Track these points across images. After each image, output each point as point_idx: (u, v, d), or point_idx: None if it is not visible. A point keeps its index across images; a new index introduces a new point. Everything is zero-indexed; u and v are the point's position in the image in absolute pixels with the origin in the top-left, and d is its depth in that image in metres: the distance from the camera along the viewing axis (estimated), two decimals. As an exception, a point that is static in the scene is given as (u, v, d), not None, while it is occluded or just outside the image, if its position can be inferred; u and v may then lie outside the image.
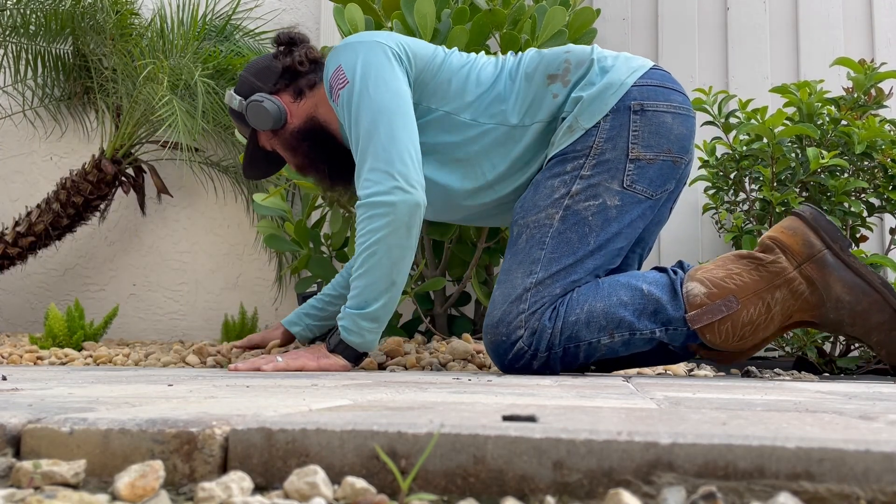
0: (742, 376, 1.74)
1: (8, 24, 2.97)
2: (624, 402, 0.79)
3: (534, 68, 1.62)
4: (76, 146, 3.25)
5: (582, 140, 1.57)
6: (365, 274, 1.53)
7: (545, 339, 1.50)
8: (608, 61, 1.61)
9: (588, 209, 1.55)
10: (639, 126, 1.56)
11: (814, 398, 0.92)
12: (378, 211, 1.50)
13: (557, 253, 1.54)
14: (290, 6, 3.14)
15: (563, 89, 1.60)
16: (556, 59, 1.63)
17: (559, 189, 1.56)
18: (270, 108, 1.68)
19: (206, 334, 3.06)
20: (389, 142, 1.52)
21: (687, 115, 1.61)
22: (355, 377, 1.34)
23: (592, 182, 1.55)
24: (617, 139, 1.56)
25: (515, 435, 0.49)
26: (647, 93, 1.58)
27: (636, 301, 1.51)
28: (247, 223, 3.11)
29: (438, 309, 2.30)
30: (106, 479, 0.52)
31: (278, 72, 1.72)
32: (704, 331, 1.48)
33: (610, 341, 1.51)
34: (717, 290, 1.48)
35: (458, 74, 1.64)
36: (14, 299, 3.24)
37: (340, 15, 1.97)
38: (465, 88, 1.63)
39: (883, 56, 2.68)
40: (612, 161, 1.56)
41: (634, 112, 1.56)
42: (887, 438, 0.48)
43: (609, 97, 1.57)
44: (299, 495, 0.47)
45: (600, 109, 1.57)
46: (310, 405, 0.69)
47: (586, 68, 1.61)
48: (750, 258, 1.51)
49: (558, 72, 1.61)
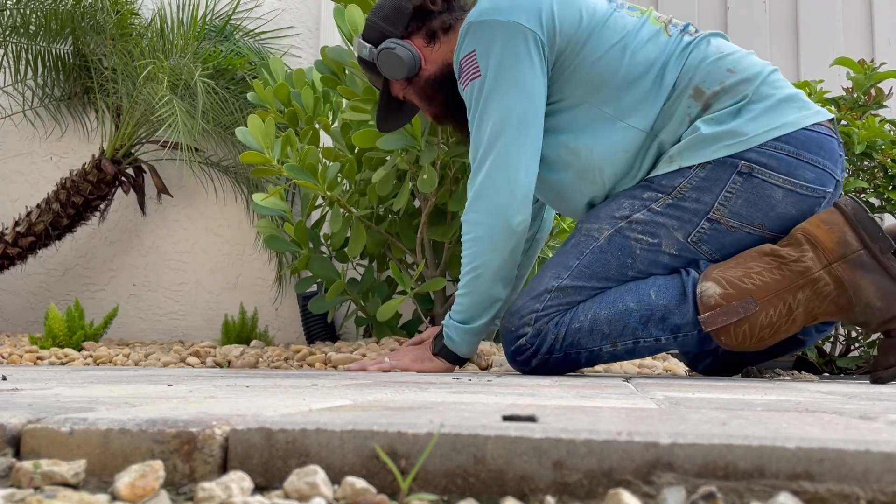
0: (742, 376, 1.74)
1: (8, 24, 2.97)
2: (624, 402, 0.79)
3: (688, 67, 1.47)
4: (76, 146, 3.25)
5: (672, 176, 1.46)
6: (469, 294, 1.54)
7: (547, 343, 1.48)
8: (757, 104, 1.44)
9: (640, 242, 1.47)
10: (737, 189, 1.43)
11: (814, 398, 0.92)
12: (481, 234, 1.50)
13: (590, 270, 1.49)
14: (290, 6, 3.14)
15: (699, 112, 1.46)
16: (716, 72, 1.46)
17: (623, 210, 1.48)
18: (403, 55, 1.57)
19: (205, 334, 3.06)
20: (505, 163, 1.46)
21: (808, 195, 1.44)
22: (355, 377, 1.34)
23: (658, 220, 1.46)
24: (705, 192, 1.44)
25: (515, 435, 0.49)
26: (770, 159, 1.41)
27: (643, 308, 1.44)
28: (247, 223, 3.11)
29: (438, 309, 2.30)
30: (106, 479, 0.52)
31: (409, 13, 1.60)
32: (719, 333, 1.41)
33: (612, 349, 1.48)
34: (733, 290, 1.39)
35: (605, 57, 1.47)
36: (14, 299, 3.24)
37: (340, 15, 1.97)
38: (609, 76, 1.47)
39: (883, 56, 2.68)
40: (689, 211, 1.45)
41: (740, 173, 1.42)
42: (887, 438, 0.48)
43: (721, 146, 1.43)
44: (299, 495, 0.47)
45: (704, 154, 1.43)
46: (310, 405, 0.69)
47: (734, 101, 1.45)
48: (772, 255, 1.41)
49: (707, 90, 1.46)
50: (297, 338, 2.97)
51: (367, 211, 2.22)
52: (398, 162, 2.07)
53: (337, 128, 2.37)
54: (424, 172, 1.95)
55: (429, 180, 1.94)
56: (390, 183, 2.09)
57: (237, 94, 2.93)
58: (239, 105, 2.90)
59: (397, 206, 2.08)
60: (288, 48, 3.09)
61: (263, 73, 2.50)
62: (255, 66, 2.93)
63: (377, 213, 2.34)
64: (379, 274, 2.53)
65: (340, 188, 2.15)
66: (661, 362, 2.02)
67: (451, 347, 1.59)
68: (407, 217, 2.32)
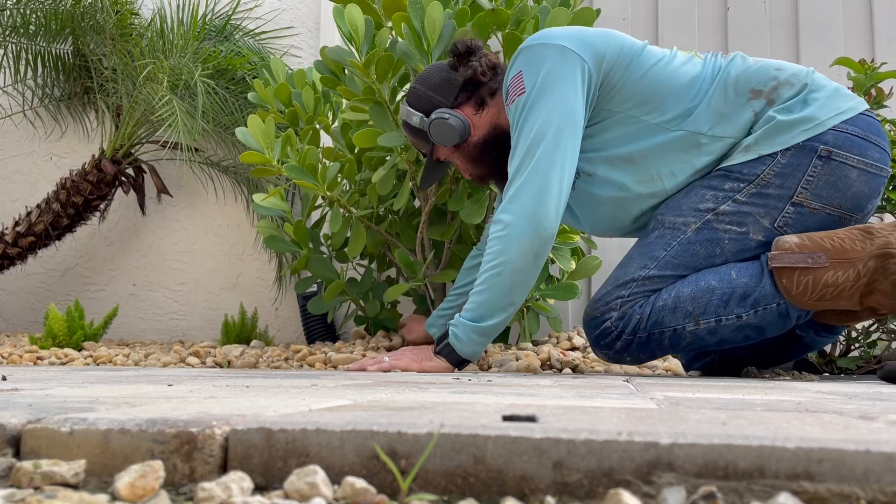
0: (742, 376, 1.74)
1: (8, 24, 2.97)
2: (624, 402, 0.79)
3: (735, 77, 1.55)
4: (76, 146, 3.25)
5: (752, 164, 1.51)
6: (486, 291, 1.55)
7: (632, 324, 1.53)
8: (817, 92, 1.52)
9: (728, 232, 1.52)
10: (818, 172, 1.49)
11: (814, 398, 0.92)
12: (509, 233, 1.51)
13: (678, 259, 1.54)
14: (290, 6, 3.14)
15: (765, 107, 1.53)
16: (764, 73, 1.54)
17: (708, 202, 1.53)
18: (455, 125, 1.66)
19: (206, 334, 3.06)
20: (540, 170, 1.51)
21: (877, 174, 1.51)
22: (355, 377, 1.34)
23: (744, 210, 1.51)
24: (788, 177, 1.49)
25: (515, 435, 0.49)
26: (844, 141, 1.48)
27: (724, 286, 1.49)
28: (247, 223, 3.11)
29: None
30: (106, 479, 0.52)
31: (458, 84, 1.68)
32: (781, 274, 1.45)
33: (695, 328, 1.50)
34: (809, 242, 1.45)
35: (650, 73, 1.56)
36: (14, 299, 3.24)
37: (340, 15, 1.97)
38: (656, 88, 1.55)
39: (883, 56, 2.68)
40: (773, 197, 1.50)
41: (820, 157, 1.48)
42: (887, 438, 0.48)
43: (799, 132, 1.49)
44: (299, 495, 0.47)
45: (784, 141, 1.49)
46: (310, 405, 0.69)
47: (795, 91, 1.52)
48: (863, 230, 1.45)
49: (764, 88, 1.53)
50: (297, 338, 2.97)
51: (367, 211, 2.22)
52: (398, 161, 2.07)
53: (337, 128, 2.37)
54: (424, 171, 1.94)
55: (428, 179, 1.94)
56: (390, 183, 2.09)
57: (237, 94, 2.93)
58: (239, 105, 2.90)
59: (397, 205, 2.08)
60: (288, 48, 3.09)
61: (264, 73, 2.50)
62: (255, 66, 2.93)
63: (377, 213, 2.34)
64: (379, 274, 2.53)
65: (340, 188, 2.15)
66: (661, 362, 2.02)
67: (455, 347, 1.59)
68: (407, 217, 2.32)
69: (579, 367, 1.89)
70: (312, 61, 2.83)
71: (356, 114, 2.12)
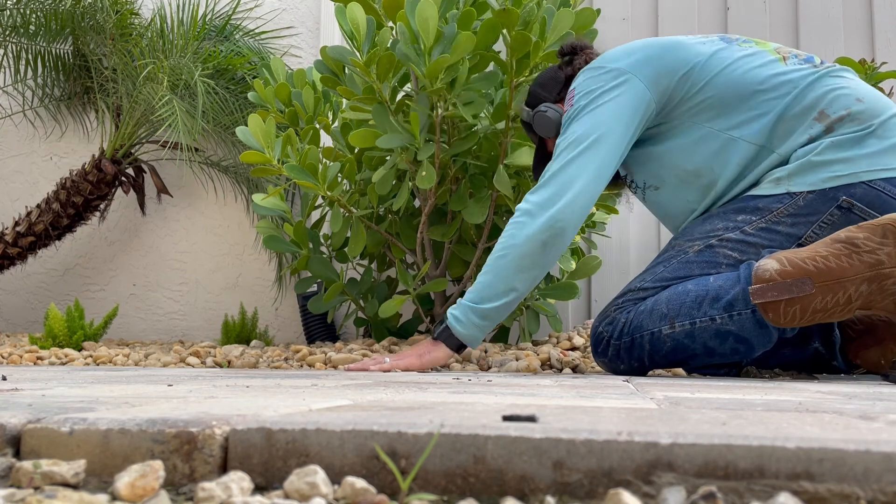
0: (742, 376, 1.73)
1: (8, 24, 2.97)
2: (624, 402, 0.79)
3: (815, 98, 1.51)
4: (76, 146, 3.25)
5: (774, 199, 1.49)
6: (489, 273, 1.58)
7: (617, 328, 1.57)
8: (880, 140, 1.45)
9: (727, 258, 1.52)
10: (832, 222, 1.46)
11: (814, 398, 0.92)
12: (525, 220, 1.55)
13: (672, 274, 1.57)
14: (290, 6, 3.14)
15: (821, 131, 1.49)
16: (845, 99, 1.49)
17: (717, 230, 1.54)
18: (553, 117, 1.73)
19: (206, 334, 3.06)
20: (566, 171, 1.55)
21: None
22: (355, 377, 1.34)
23: (748, 240, 1.51)
24: (800, 220, 1.47)
25: (515, 435, 0.49)
26: (874, 199, 1.43)
27: (699, 289, 1.49)
28: (246, 223, 3.11)
29: (438, 309, 2.30)
30: (106, 479, 0.52)
31: (561, 81, 1.78)
32: (767, 308, 1.40)
33: (671, 331, 1.51)
34: (791, 268, 1.38)
35: (715, 80, 1.56)
36: (14, 299, 3.24)
37: (342, 14, 1.97)
38: (720, 95, 1.56)
39: (883, 56, 2.68)
40: (781, 234, 1.49)
41: (839, 207, 1.45)
42: (887, 438, 0.48)
43: (828, 178, 1.45)
44: (299, 495, 0.47)
45: (811, 182, 1.46)
46: (310, 405, 0.69)
47: (858, 128, 1.47)
48: (846, 242, 1.36)
49: (832, 115, 1.49)
50: (297, 338, 2.97)
51: (367, 211, 2.22)
52: (398, 162, 2.07)
53: (337, 128, 2.37)
54: (423, 169, 1.94)
55: (427, 177, 1.94)
56: (390, 183, 2.09)
57: (237, 94, 2.93)
58: (239, 105, 2.90)
59: (397, 205, 2.08)
60: (288, 48, 3.09)
61: (264, 73, 2.50)
62: (255, 66, 2.93)
63: (377, 212, 2.33)
64: (379, 274, 2.53)
65: (340, 188, 2.15)
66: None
67: (453, 329, 1.59)
68: (407, 217, 2.32)
69: (579, 367, 1.89)
70: (312, 61, 2.83)
71: (356, 113, 2.12)
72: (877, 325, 1.56)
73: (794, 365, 1.67)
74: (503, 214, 2.24)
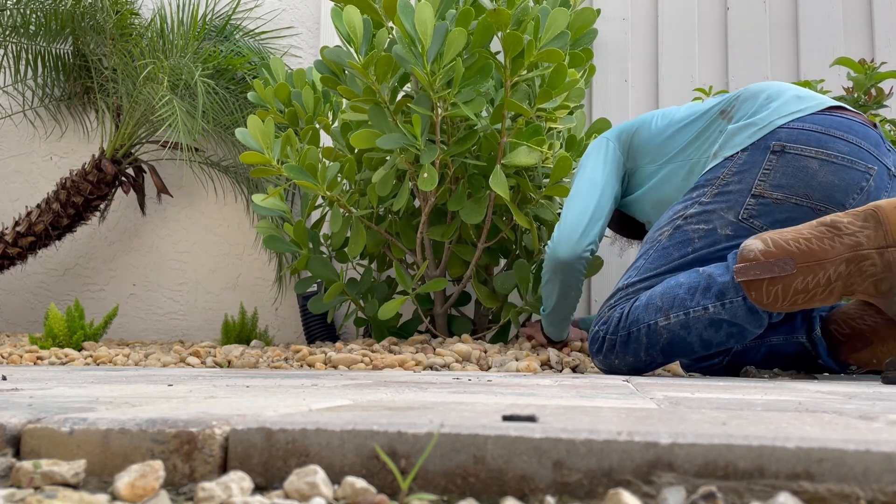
0: (742, 376, 1.73)
1: (8, 24, 2.97)
2: (624, 402, 0.79)
3: (712, 105, 1.74)
4: (76, 146, 3.25)
5: (714, 170, 1.64)
6: (543, 292, 1.93)
7: (612, 324, 1.64)
8: (774, 101, 1.63)
9: (696, 231, 1.62)
10: (773, 165, 1.56)
11: (814, 398, 0.92)
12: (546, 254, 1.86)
13: (655, 264, 1.65)
14: (290, 6, 3.14)
15: (727, 125, 1.68)
16: (732, 96, 1.72)
17: (679, 212, 1.66)
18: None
19: (206, 334, 3.06)
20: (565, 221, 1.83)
21: (848, 166, 1.52)
22: (355, 377, 1.34)
23: (708, 209, 1.61)
24: (745, 174, 1.59)
25: (515, 435, 0.49)
26: (798, 136, 1.55)
27: (691, 280, 1.55)
28: (246, 223, 3.11)
29: (438, 309, 2.30)
30: (106, 479, 0.52)
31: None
32: (750, 287, 1.46)
33: (667, 323, 1.56)
34: (775, 248, 1.43)
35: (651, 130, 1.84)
36: (14, 299, 3.24)
37: (339, 17, 1.97)
38: (653, 140, 1.82)
39: (883, 56, 2.68)
40: (733, 193, 1.59)
41: (773, 152, 1.57)
42: (887, 438, 0.48)
43: (750, 133, 1.61)
44: (299, 495, 0.47)
45: (739, 143, 1.61)
46: (310, 405, 0.69)
47: (749, 105, 1.66)
48: (829, 226, 1.42)
49: (728, 108, 1.70)
50: (297, 338, 2.97)
51: (367, 211, 2.22)
52: (398, 162, 2.07)
53: (337, 128, 2.37)
54: (424, 171, 1.94)
55: (429, 179, 1.94)
56: (390, 183, 2.09)
57: (237, 94, 2.93)
58: (239, 105, 2.90)
59: (397, 206, 2.08)
60: (288, 48, 3.09)
61: (263, 73, 2.50)
62: (255, 66, 2.93)
63: (377, 213, 2.33)
64: (378, 274, 2.53)
65: (340, 188, 2.15)
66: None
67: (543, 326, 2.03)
68: (407, 217, 2.32)
69: (579, 368, 1.89)
70: (312, 61, 2.83)
71: (356, 114, 2.12)
72: (863, 330, 1.60)
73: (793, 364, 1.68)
74: (502, 214, 2.24)
